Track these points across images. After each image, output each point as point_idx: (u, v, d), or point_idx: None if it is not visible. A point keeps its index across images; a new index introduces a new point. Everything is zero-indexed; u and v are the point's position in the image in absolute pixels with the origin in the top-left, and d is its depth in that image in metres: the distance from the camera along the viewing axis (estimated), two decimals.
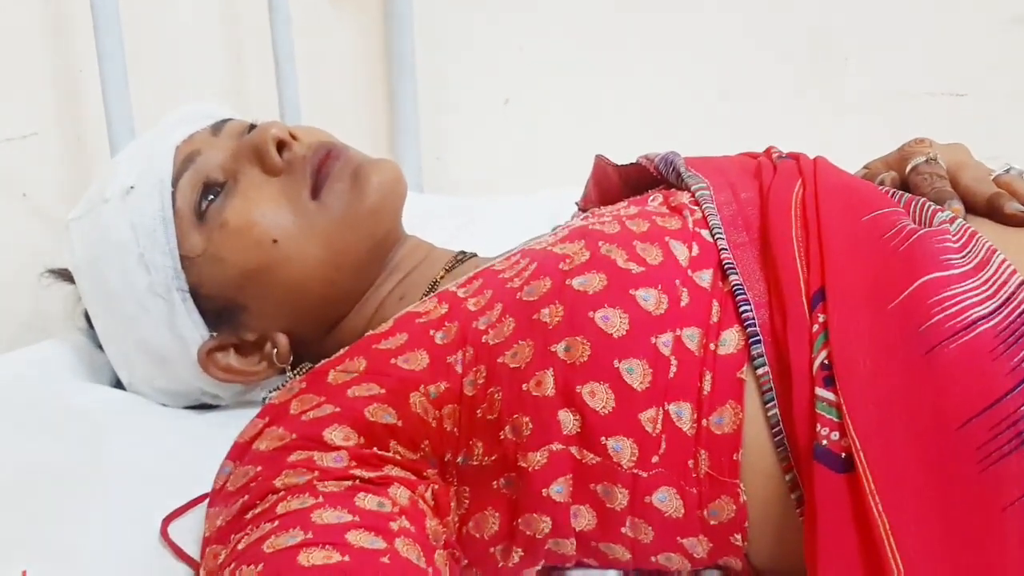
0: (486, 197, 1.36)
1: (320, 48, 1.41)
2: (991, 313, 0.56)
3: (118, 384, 0.87)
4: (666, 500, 0.60)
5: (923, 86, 1.42)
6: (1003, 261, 0.59)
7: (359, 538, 0.55)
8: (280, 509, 0.57)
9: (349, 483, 0.59)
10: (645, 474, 0.60)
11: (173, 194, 0.76)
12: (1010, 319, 0.55)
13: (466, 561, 0.64)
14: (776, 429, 0.59)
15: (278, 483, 0.60)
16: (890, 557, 0.52)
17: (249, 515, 0.59)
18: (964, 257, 0.60)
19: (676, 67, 1.47)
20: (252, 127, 0.80)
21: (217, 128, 0.80)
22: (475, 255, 0.83)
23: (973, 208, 0.68)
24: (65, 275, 0.87)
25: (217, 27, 1.29)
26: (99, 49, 1.04)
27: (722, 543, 0.61)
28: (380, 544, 0.55)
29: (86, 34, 1.05)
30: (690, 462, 0.60)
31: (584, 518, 0.62)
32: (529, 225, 1.04)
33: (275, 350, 0.78)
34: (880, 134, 1.37)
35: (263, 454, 0.62)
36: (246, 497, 0.60)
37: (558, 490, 0.61)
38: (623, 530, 0.62)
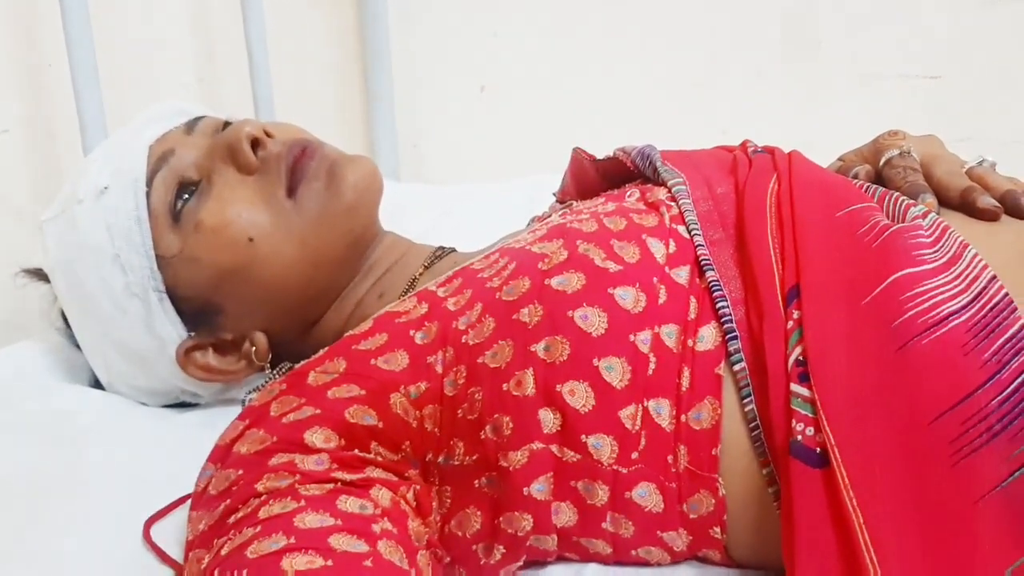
0: (463, 185, 1.36)
1: (294, 38, 1.40)
2: (963, 308, 0.56)
3: (96, 383, 0.86)
4: (646, 495, 0.61)
5: (897, 68, 1.42)
6: (975, 256, 0.59)
7: (342, 542, 0.55)
8: (262, 513, 0.58)
9: (331, 486, 0.60)
10: (625, 470, 0.61)
11: (147, 194, 0.75)
12: (981, 313, 0.56)
13: (449, 559, 0.64)
14: (753, 424, 0.60)
15: (260, 487, 0.60)
16: (864, 551, 0.52)
17: (232, 519, 0.59)
18: (936, 252, 0.60)
19: (651, 52, 1.47)
20: (227, 124, 0.80)
21: (191, 126, 0.80)
22: (453, 250, 0.83)
23: (946, 201, 0.69)
24: (40, 275, 0.87)
25: (188, 19, 1.28)
26: (68, 43, 1.03)
27: (702, 536, 0.62)
28: (363, 547, 0.55)
29: (54, 28, 1.04)
30: (669, 457, 0.61)
31: (565, 515, 0.62)
32: (507, 213, 1.04)
33: (253, 349, 0.78)
34: (855, 117, 1.39)
35: (244, 457, 0.62)
36: (228, 501, 0.60)
37: (539, 488, 0.61)
38: (604, 525, 0.62)
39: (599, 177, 0.84)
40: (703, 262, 0.65)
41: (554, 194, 0.91)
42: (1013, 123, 1.39)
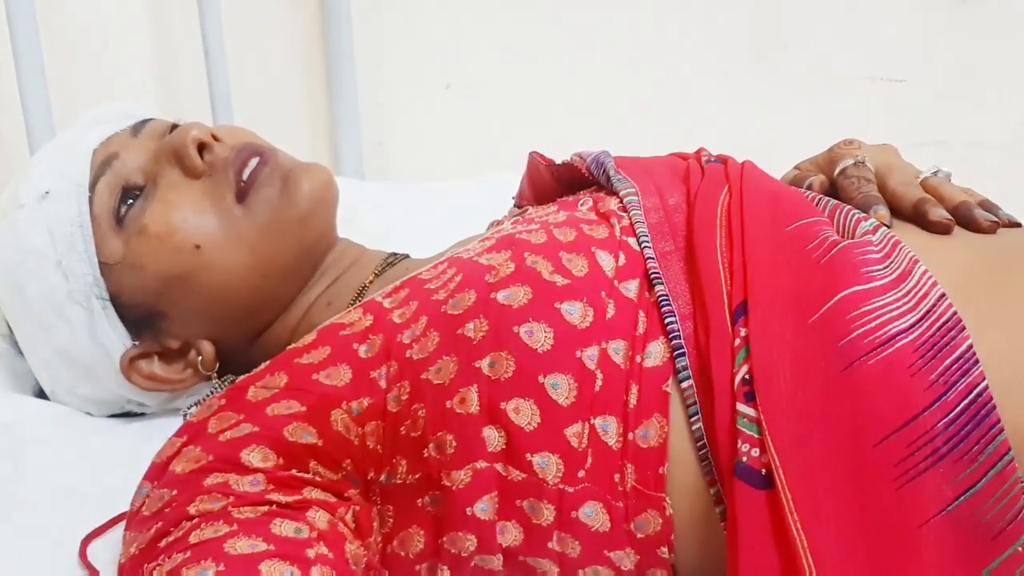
0: (428, 183, 1.35)
1: (255, 35, 1.38)
2: (911, 327, 0.55)
3: (41, 392, 0.84)
4: (593, 515, 0.60)
5: (862, 72, 1.42)
6: (924, 272, 0.58)
7: (273, 569, 0.54)
8: (193, 538, 0.56)
9: (265, 508, 0.58)
10: (571, 489, 0.60)
11: (90, 199, 0.73)
12: (929, 332, 0.55)
13: None
14: (700, 443, 0.59)
15: (192, 509, 0.58)
16: (808, 574, 0.52)
17: (163, 543, 0.58)
18: (885, 268, 0.59)
19: (617, 52, 1.46)
20: (174, 127, 0.78)
21: (137, 129, 0.78)
22: (407, 256, 0.82)
23: (899, 213, 0.68)
24: None
25: (144, 16, 1.25)
26: (13, 40, 1.01)
27: (649, 556, 0.61)
28: (295, 574, 0.54)
29: None
30: (616, 476, 0.60)
31: (511, 534, 0.61)
32: (472, 212, 1.02)
33: (200, 357, 0.76)
34: (820, 119, 1.38)
35: (179, 477, 0.61)
36: (160, 524, 0.59)
37: (483, 508, 0.60)
38: (550, 545, 0.61)
39: (555, 182, 0.83)
40: (652, 275, 0.64)
41: (513, 198, 0.89)
42: (977, 126, 1.39)
